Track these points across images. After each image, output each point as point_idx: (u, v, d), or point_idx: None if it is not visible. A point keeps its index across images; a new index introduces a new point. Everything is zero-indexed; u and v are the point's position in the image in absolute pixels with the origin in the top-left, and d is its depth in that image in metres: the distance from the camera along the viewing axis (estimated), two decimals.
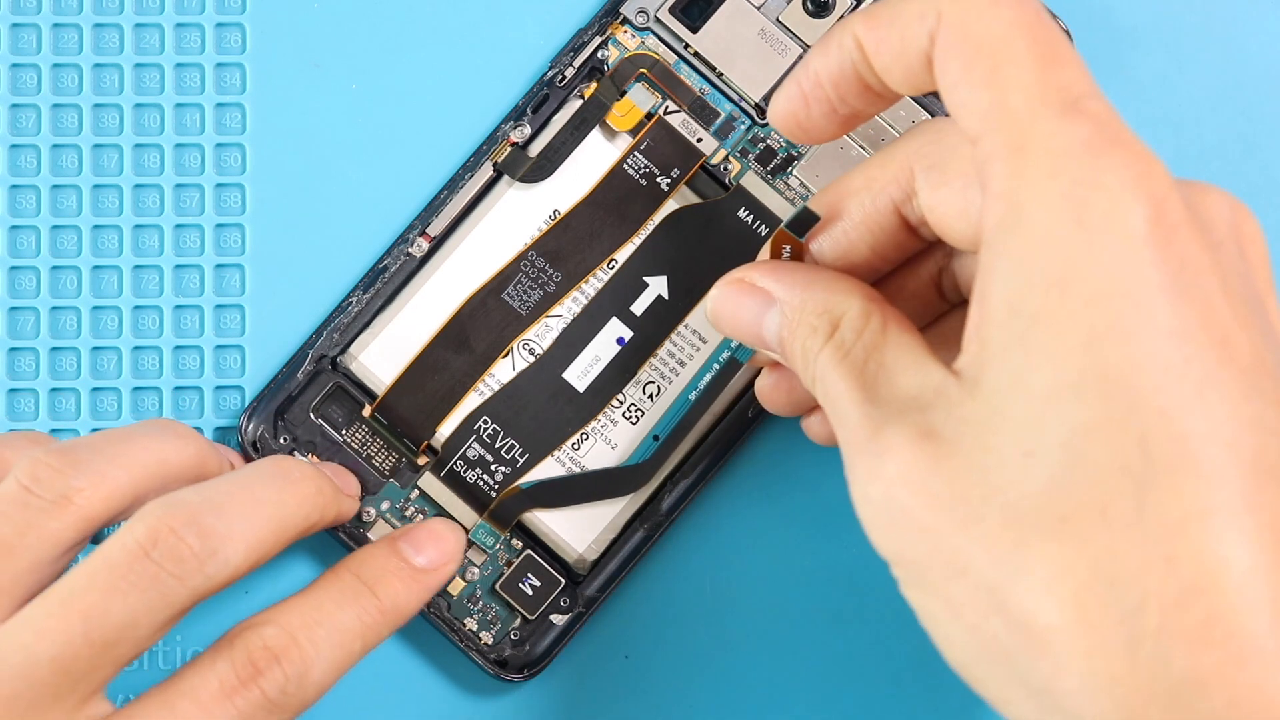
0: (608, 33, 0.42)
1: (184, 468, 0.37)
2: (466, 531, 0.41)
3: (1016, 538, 0.29)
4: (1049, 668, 0.29)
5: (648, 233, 0.41)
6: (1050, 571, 0.29)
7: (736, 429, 0.41)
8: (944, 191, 0.33)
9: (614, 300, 0.41)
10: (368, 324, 0.41)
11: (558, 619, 0.41)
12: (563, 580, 0.41)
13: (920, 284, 0.37)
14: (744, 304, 0.35)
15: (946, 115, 0.41)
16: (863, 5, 0.42)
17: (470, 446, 0.41)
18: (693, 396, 0.41)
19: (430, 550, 0.39)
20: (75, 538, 0.35)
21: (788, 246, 0.36)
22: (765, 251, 0.37)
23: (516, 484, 0.41)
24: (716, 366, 0.41)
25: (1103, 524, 0.29)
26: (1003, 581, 0.29)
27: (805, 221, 0.35)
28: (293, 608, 0.36)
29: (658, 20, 0.42)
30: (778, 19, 0.42)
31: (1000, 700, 0.31)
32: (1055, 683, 0.29)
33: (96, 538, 0.37)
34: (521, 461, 0.41)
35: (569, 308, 0.41)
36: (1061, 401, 0.29)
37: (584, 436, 0.41)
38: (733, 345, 0.41)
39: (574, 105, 0.42)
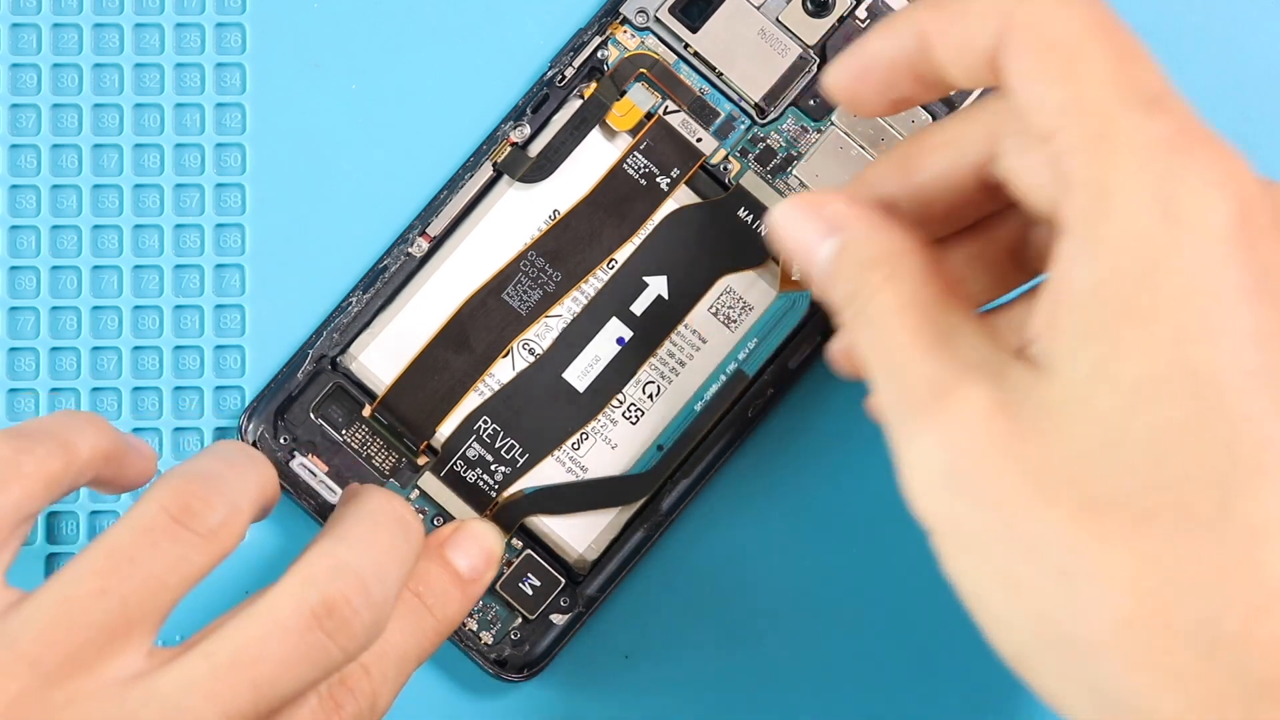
0: (608, 33, 0.42)
1: (274, 497, 0.37)
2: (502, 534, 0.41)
3: (1099, 528, 0.29)
4: (1120, 663, 0.29)
5: (648, 233, 0.41)
6: (1132, 566, 0.28)
7: (736, 429, 0.41)
8: (1031, 158, 0.32)
9: (614, 300, 0.41)
10: (368, 324, 0.41)
11: (558, 619, 0.41)
12: (563, 580, 0.41)
13: (995, 250, 0.36)
14: (807, 222, 0.34)
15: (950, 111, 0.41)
16: None
17: (470, 446, 0.41)
18: (698, 407, 0.41)
19: (474, 553, 0.39)
20: (211, 571, 0.34)
21: None
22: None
23: (520, 488, 0.41)
24: (723, 378, 0.41)
25: (1187, 524, 0.28)
26: (1079, 568, 0.29)
27: None
28: None
29: (657, 20, 0.42)
30: (778, 19, 0.42)
31: (1054, 692, 0.30)
32: (1125, 679, 0.29)
33: None
34: (521, 461, 0.41)
35: (569, 308, 0.41)
36: (1148, 396, 0.28)
37: (584, 436, 0.41)
38: (740, 357, 0.41)
39: (574, 105, 0.42)
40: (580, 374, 0.41)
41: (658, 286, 0.41)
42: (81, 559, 0.33)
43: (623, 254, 0.41)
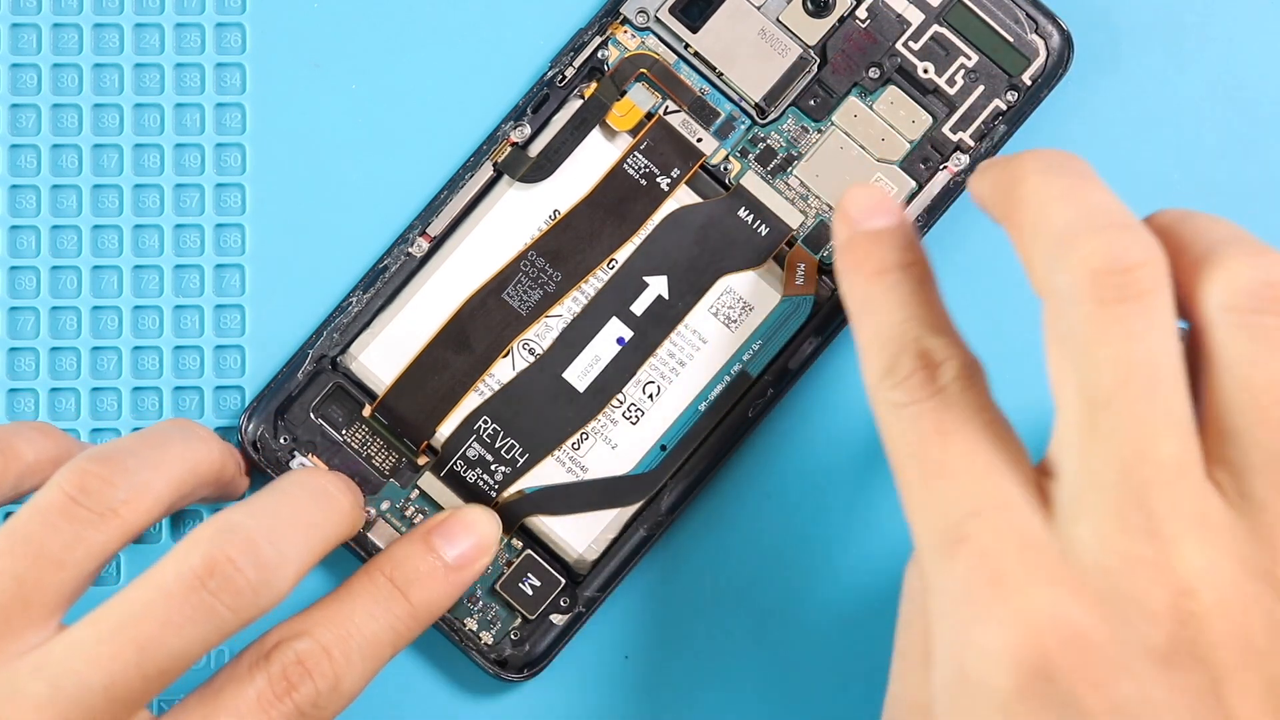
0: (608, 33, 0.42)
1: (210, 474, 0.37)
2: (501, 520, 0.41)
3: None
4: None
5: (648, 233, 0.41)
6: None
7: (737, 430, 0.41)
8: None
9: (614, 300, 0.41)
10: (368, 324, 0.41)
11: (558, 619, 0.41)
12: (563, 580, 0.41)
13: None
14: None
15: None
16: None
17: (470, 446, 0.41)
18: (701, 408, 0.41)
19: (464, 541, 0.39)
20: (118, 549, 0.35)
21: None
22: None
23: (520, 488, 0.41)
24: (727, 378, 0.41)
25: None
26: None
27: None
28: (326, 618, 0.36)
29: (658, 20, 0.42)
30: (778, 19, 0.42)
31: None
32: None
33: None
34: (521, 461, 0.41)
35: (569, 308, 0.41)
36: None
37: (584, 436, 0.41)
38: (744, 358, 0.41)
39: (574, 105, 0.42)
40: (580, 374, 0.41)
41: (658, 286, 0.41)
42: None
43: (623, 254, 0.41)
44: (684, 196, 0.42)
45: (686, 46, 0.42)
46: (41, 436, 0.38)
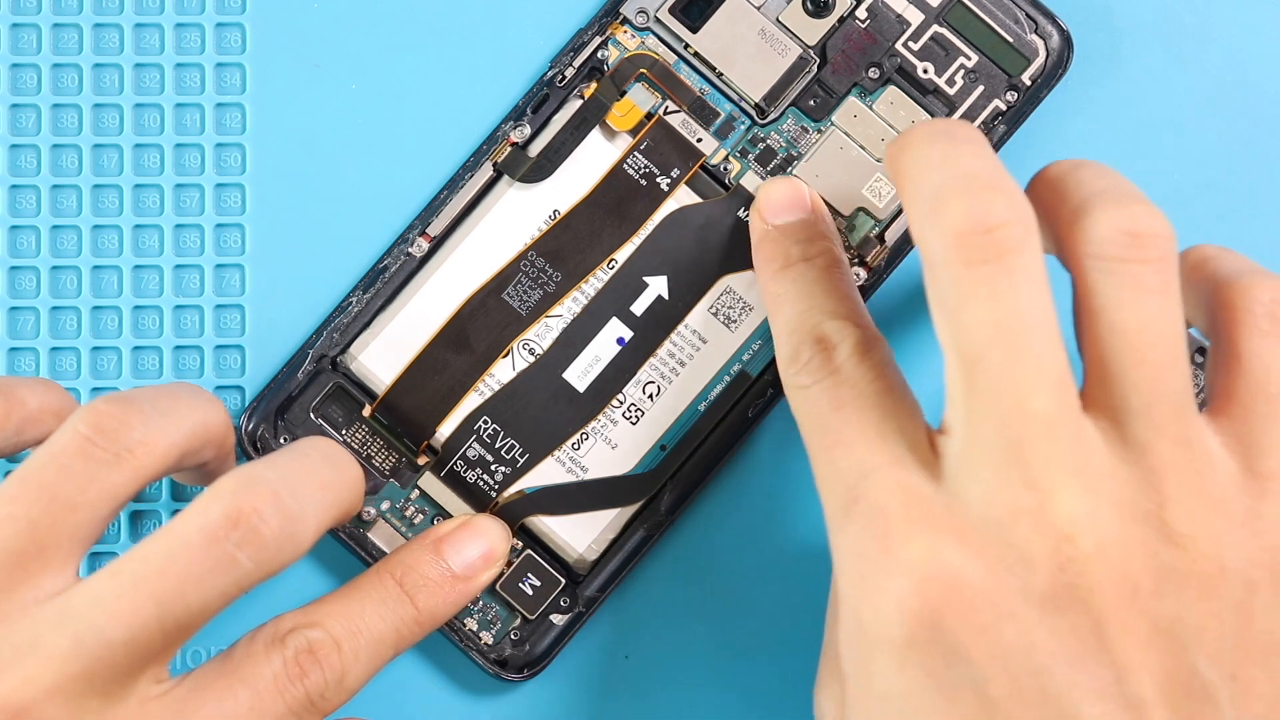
0: (608, 33, 0.42)
1: (218, 434, 0.37)
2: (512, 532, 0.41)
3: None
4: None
5: (648, 233, 0.41)
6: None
7: (737, 429, 0.41)
8: None
9: (614, 300, 0.41)
10: (368, 324, 0.41)
11: (558, 619, 0.41)
12: (563, 580, 0.41)
13: None
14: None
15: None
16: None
17: (470, 446, 0.41)
18: (702, 407, 0.41)
19: (472, 551, 0.39)
20: (133, 493, 0.35)
21: None
22: None
23: (520, 488, 0.41)
24: (727, 379, 0.41)
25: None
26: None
27: None
28: (337, 611, 0.37)
29: (658, 20, 0.42)
30: (778, 19, 0.42)
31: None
32: None
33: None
34: (522, 461, 0.41)
35: (569, 308, 0.41)
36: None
37: (584, 436, 0.41)
38: (744, 358, 0.41)
39: (574, 105, 0.42)
40: (580, 374, 0.41)
41: (658, 286, 0.41)
42: None
43: (623, 254, 0.41)
44: (684, 196, 0.42)
45: (686, 46, 0.42)
46: (45, 388, 0.38)
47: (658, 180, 0.41)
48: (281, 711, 0.35)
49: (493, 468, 0.41)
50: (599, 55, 0.42)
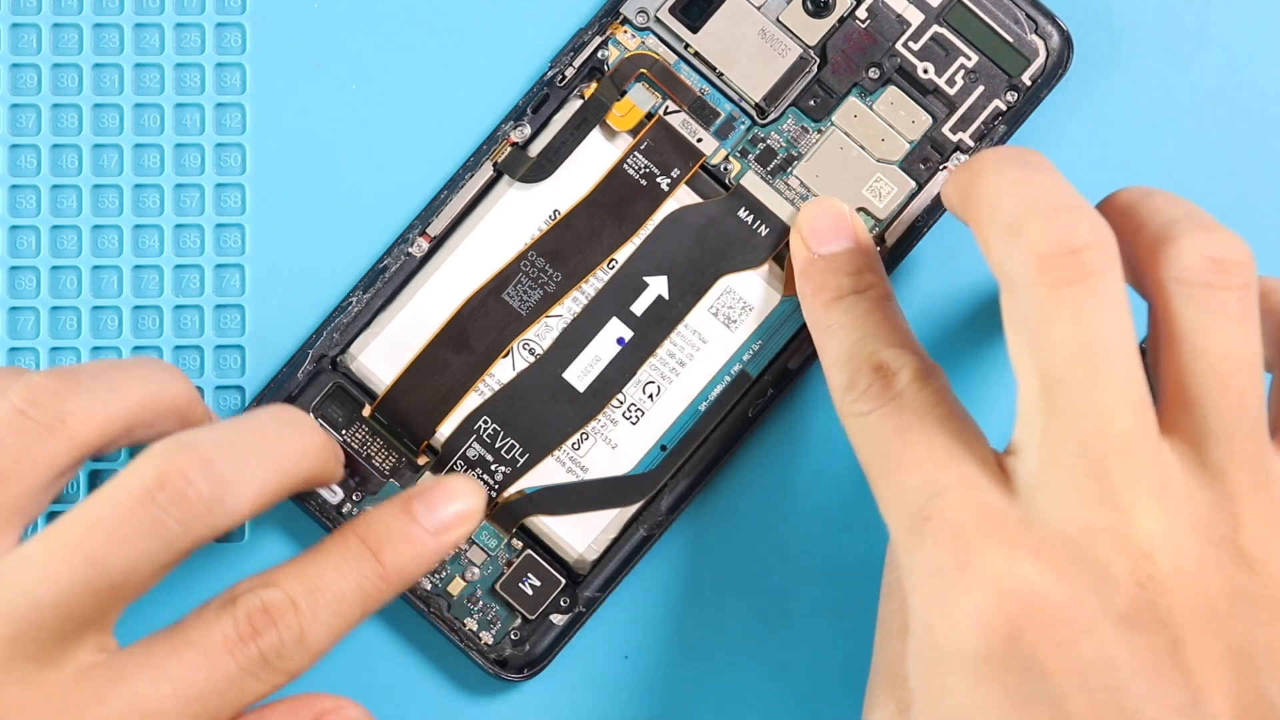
0: (608, 33, 0.42)
1: (175, 405, 0.37)
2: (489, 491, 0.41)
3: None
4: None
5: (648, 233, 0.41)
6: None
7: (737, 429, 0.41)
8: None
9: (614, 300, 0.41)
10: (368, 324, 0.41)
11: (558, 619, 0.41)
12: (563, 580, 0.41)
13: None
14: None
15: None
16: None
17: (470, 446, 0.41)
18: (702, 407, 0.41)
19: (444, 510, 0.38)
20: (70, 462, 0.35)
21: None
22: None
23: (520, 488, 0.41)
24: (727, 379, 0.41)
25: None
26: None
27: None
28: (295, 572, 0.36)
29: (658, 20, 0.42)
30: (778, 19, 0.42)
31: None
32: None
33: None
34: (522, 461, 0.41)
35: (569, 308, 0.41)
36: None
37: (584, 437, 0.41)
38: (744, 358, 0.41)
39: (574, 105, 0.42)
40: (580, 374, 0.41)
41: (658, 286, 0.41)
42: None
43: (623, 254, 0.41)
44: (684, 196, 0.42)
45: (686, 46, 0.42)
46: (14, 375, 0.37)
47: (658, 180, 0.41)
48: (233, 672, 0.34)
49: (493, 468, 0.41)
50: (599, 55, 0.42)
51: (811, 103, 0.42)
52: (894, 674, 0.36)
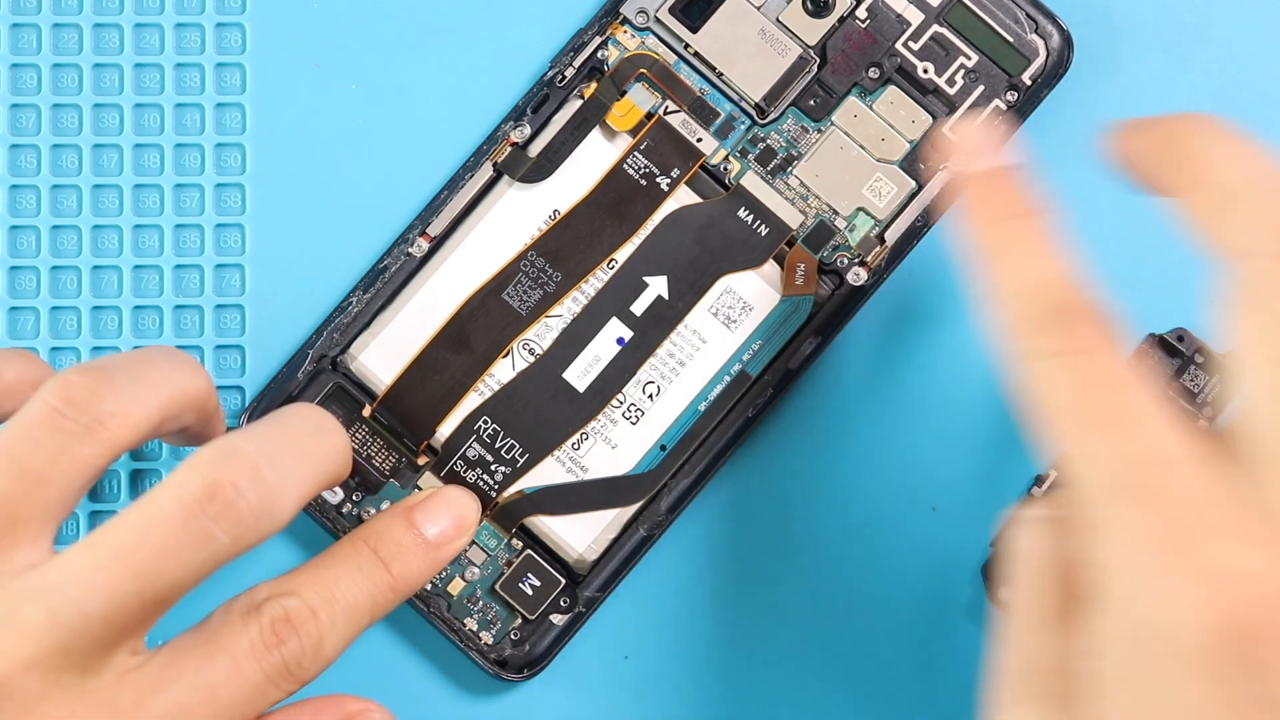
0: (608, 33, 0.42)
1: (198, 399, 0.37)
2: (483, 501, 0.41)
3: None
4: None
5: (648, 233, 0.41)
6: None
7: (737, 430, 0.41)
8: None
9: (614, 300, 0.41)
10: (368, 324, 0.41)
11: (558, 619, 0.41)
12: (563, 580, 0.41)
13: None
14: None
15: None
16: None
17: (470, 446, 0.41)
18: (702, 407, 0.41)
19: (444, 520, 0.39)
20: (106, 464, 0.34)
21: None
22: None
23: (520, 488, 0.41)
24: (727, 379, 0.41)
25: None
26: None
27: None
28: (312, 580, 0.36)
29: (658, 20, 0.42)
30: (778, 19, 0.42)
31: None
32: None
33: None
34: (522, 461, 0.41)
35: (569, 308, 0.41)
36: None
37: (584, 436, 0.41)
38: (744, 358, 0.41)
39: (574, 105, 0.42)
40: (580, 374, 0.41)
41: (658, 286, 0.41)
42: None
43: (623, 254, 0.41)
44: (684, 196, 0.42)
45: (686, 46, 0.42)
46: (23, 361, 0.37)
47: (658, 180, 0.41)
48: (259, 680, 0.35)
49: (493, 468, 0.41)
50: (599, 55, 0.42)
51: (811, 103, 0.42)
52: (1044, 667, 0.33)
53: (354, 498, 0.41)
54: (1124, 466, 0.31)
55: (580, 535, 0.41)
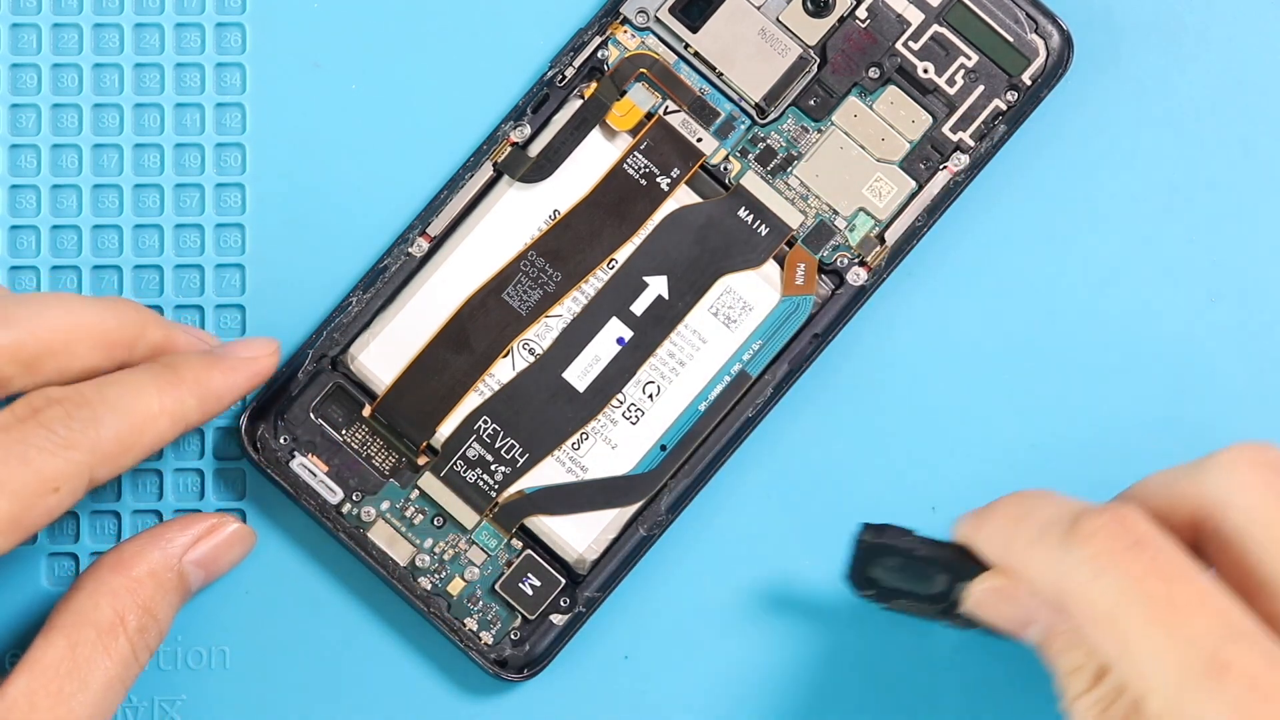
0: (608, 33, 0.42)
1: (97, 334, 0.37)
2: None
3: None
4: None
5: (648, 233, 0.41)
6: None
7: (737, 430, 0.41)
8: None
9: (614, 300, 0.41)
10: (368, 324, 0.41)
11: (558, 619, 0.41)
12: (563, 580, 0.41)
13: None
14: (1005, 610, 0.36)
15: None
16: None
17: (470, 446, 0.41)
18: (702, 407, 0.41)
19: (244, 351, 0.40)
20: None
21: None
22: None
23: (520, 488, 0.41)
24: (727, 379, 0.41)
25: None
26: None
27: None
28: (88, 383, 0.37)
29: (658, 20, 0.42)
30: (778, 19, 0.42)
31: None
32: None
33: None
34: (522, 461, 0.41)
35: (569, 308, 0.41)
36: None
37: (584, 436, 0.41)
38: (744, 358, 0.41)
39: (574, 105, 0.42)
40: (580, 374, 0.41)
41: (658, 286, 0.41)
42: None
43: (623, 254, 0.41)
44: (684, 196, 0.42)
45: (686, 46, 0.42)
46: (108, 309, 0.38)
47: (658, 180, 0.41)
48: (14, 449, 0.35)
49: (493, 468, 0.41)
50: (599, 55, 0.42)
51: (811, 102, 0.42)
52: None
53: (354, 497, 0.41)
54: (1202, 649, 0.32)
55: (580, 535, 0.41)
